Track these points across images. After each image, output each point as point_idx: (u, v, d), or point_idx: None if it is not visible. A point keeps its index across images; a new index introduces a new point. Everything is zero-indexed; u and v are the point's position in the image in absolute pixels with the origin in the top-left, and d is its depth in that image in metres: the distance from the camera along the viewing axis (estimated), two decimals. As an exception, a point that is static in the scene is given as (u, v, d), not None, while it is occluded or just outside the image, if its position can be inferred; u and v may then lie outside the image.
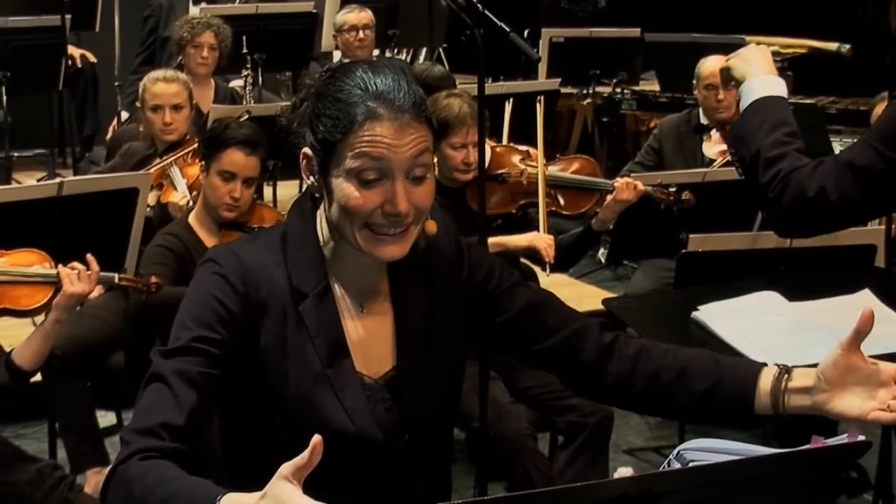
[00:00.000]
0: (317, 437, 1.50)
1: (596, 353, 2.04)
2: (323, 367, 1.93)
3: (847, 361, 1.86)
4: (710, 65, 5.47)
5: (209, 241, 3.87)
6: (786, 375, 1.94)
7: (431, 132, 1.91)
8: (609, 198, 4.23)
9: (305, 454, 1.50)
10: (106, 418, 4.62)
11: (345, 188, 1.86)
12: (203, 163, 3.90)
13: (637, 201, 4.28)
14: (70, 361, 4.10)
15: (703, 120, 5.54)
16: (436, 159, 3.69)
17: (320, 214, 1.99)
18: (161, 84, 4.92)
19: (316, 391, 1.92)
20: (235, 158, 3.81)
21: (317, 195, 1.98)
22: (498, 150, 4.36)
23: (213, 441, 2.01)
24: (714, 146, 5.46)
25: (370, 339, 2.00)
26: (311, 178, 1.94)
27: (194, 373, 1.84)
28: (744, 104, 2.51)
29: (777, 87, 2.50)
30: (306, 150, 1.94)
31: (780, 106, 2.47)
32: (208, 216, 3.89)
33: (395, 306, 2.02)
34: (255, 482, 1.56)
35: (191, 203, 4.38)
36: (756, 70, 2.53)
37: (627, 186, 4.22)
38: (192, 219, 3.93)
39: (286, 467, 1.51)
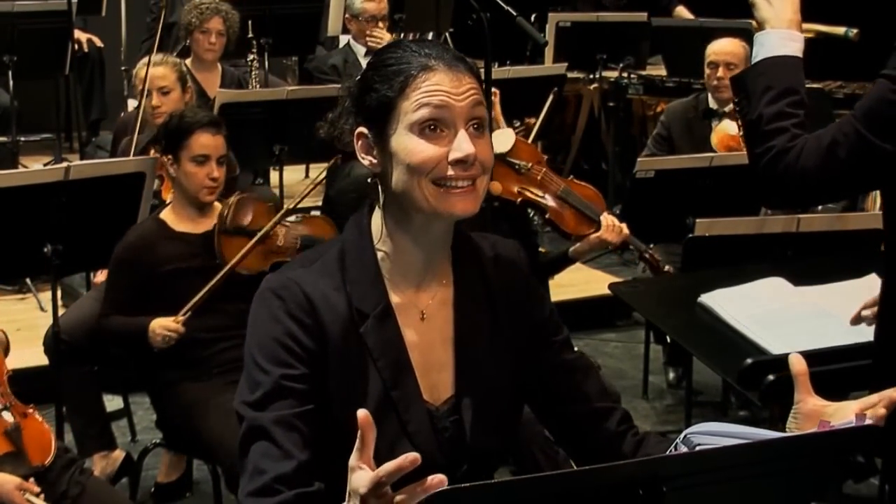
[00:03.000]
0: (362, 412, 1.56)
1: (613, 434, 2.05)
2: (387, 390, 1.90)
3: (809, 408, 1.87)
4: (717, 43, 5.45)
5: (188, 226, 3.86)
6: None
7: (481, 87, 1.89)
8: (593, 235, 4.21)
9: (359, 437, 1.56)
10: (113, 402, 4.64)
11: (407, 144, 1.83)
12: (170, 157, 3.83)
13: (649, 186, 4.24)
14: (77, 345, 4.11)
15: (712, 104, 5.44)
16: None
17: (375, 215, 1.96)
18: (147, 68, 4.92)
19: (378, 415, 1.86)
20: (204, 141, 3.80)
21: (372, 180, 1.93)
22: (523, 144, 4.37)
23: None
24: (724, 133, 5.43)
25: (430, 352, 1.96)
26: (368, 157, 1.90)
27: (289, 416, 1.82)
28: (756, 54, 2.44)
29: (793, 44, 2.41)
30: (360, 129, 1.90)
31: (791, 69, 2.40)
32: (189, 206, 3.85)
33: (456, 311, 1.99)
34: None
35: None
36: (777, 19, 2.43)
37: (614, 229, 4.19)
38: (165, 214, 3.89)
39: (351, 461, 1.57)
